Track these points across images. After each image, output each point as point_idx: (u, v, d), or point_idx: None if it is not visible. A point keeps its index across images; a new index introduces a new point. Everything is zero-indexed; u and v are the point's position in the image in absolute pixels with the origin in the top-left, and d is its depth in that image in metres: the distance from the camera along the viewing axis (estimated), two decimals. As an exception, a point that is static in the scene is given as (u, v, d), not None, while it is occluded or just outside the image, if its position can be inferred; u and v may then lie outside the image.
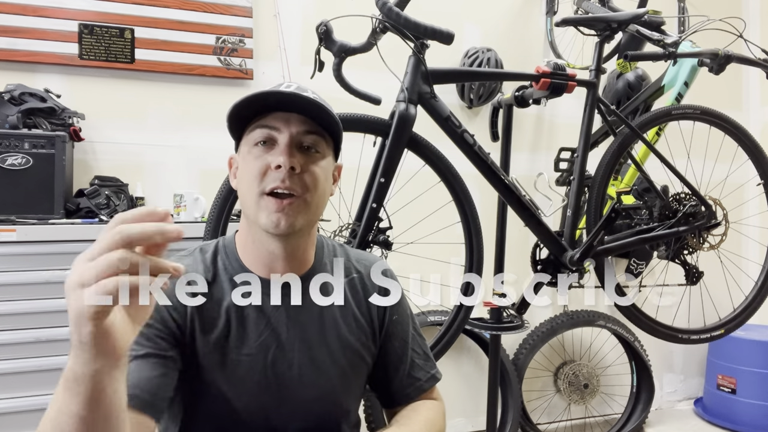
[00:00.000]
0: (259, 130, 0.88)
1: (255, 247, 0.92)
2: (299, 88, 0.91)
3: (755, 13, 3.28)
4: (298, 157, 0.86)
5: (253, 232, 0.91)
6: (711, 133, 2.02)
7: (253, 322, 0.91)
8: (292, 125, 0.87)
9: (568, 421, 2.85)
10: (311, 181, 0.87)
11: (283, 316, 0.92)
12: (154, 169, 2.18)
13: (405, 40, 1.48)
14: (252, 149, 0.88)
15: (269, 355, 0.91)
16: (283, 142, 0.86)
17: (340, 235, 1.55)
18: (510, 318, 2.00)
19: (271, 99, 0.87)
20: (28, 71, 2.02)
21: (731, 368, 2.83)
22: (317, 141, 0.90)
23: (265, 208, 0.85)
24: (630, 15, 1.80)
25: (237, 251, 0.94)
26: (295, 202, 0.86)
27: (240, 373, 0.89)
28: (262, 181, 0.86)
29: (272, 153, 0.86)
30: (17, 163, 1.73)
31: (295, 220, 0.86)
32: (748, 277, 2.35)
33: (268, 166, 0.85)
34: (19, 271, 1.62)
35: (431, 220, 2.11)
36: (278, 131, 0.87)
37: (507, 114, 2.04)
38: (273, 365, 0.91)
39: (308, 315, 0.94)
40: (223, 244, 0.96)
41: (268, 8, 2.31)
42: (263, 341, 0.91)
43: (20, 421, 1.59)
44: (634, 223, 2.03)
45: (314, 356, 0.94)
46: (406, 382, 1.03)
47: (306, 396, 0.93)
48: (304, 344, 0.93)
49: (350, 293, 0.99)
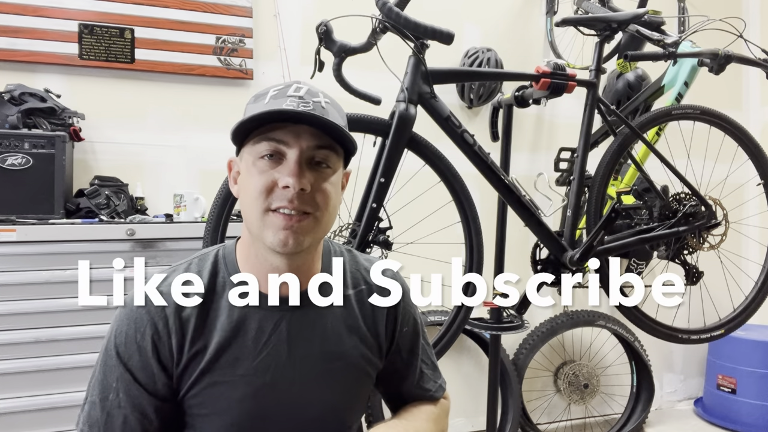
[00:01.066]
0: (266, 142, 0.80)
1: (258, 261, 0.86)
2: (310, 92, 0.84)
3: (755, 13, 3.28)
4: (308, 177, 0.80)
5: (256, 246, 0.85)
6: (711, 133, 2.02)
7: (251, 341, 0.85)
8: (302, 140, 0.80)
9: (568, 421, 2.84)
10: (322, 200, 0.82)
11: (284, 333, 0.87)
12: (154, 169, 2.18)
13: (405, 40, 1.48)
14: (257, 161, 0.81)
15: (268, 375, 0.86)
16: (292, 159, 0.80)
17: (340, 235, 1.55)
18: (510, 318, 2.00)
19: (282, 116, 0.80)
20: (28, 71, 2.02)
21: (731, 368, 2.83)
22: (328, 156, 0.83)
23: (271, 226, 0.80)
24: (630, 15, 1.80)
25: (237, 263, 0.89)
26: (304, 219, 0.80)
27: (237, 394, 0.85)
28: (267, 197, 0.80)
29: (279, 170, 0.80)
30: (17, 163, 1.73)
31: (304, 238, 0.81)
32: (748, 277, 2.35)
33: (274, 183, 0.80)
34: (19, 271, 1.62)
35: (431, 220, 2.10)
36: (287, 146, 0.80)
37: (507, 114, 2.04)
38: (273, 385, 0.86)
39: (311, 331, 0.89)
40: (223, 254, 0.90)
41: (268, 8, 2.31)
42: (263, 360, 0.86)
43: (20, 421, 1.59)
44: (634, 223, 2.03)
45: (316, 374, 0.89)
46: (415, 393, 1.01)
47: (308, 415, 0.89)
48: (306, 362, 0.88)
49: (357, 306, 0.94)
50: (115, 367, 0.83)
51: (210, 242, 1.44)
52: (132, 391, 0.82)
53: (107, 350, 0.84)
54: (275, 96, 0.83)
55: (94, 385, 0.84)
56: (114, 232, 1.69)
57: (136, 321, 0.83)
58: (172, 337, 0.83)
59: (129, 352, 0.82)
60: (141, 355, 0.82)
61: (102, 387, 0.83)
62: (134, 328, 0.83)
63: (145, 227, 1.73)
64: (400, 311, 0.98)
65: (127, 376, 0.82)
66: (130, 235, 1.70)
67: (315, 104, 0.82)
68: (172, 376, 0.84)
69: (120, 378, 0.82)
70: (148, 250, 1.72)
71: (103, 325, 1.65)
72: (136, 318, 0.83)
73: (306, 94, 0.83)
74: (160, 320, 0.83)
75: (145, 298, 0.83)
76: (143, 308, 0.83)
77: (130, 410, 0.82)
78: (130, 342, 0.83)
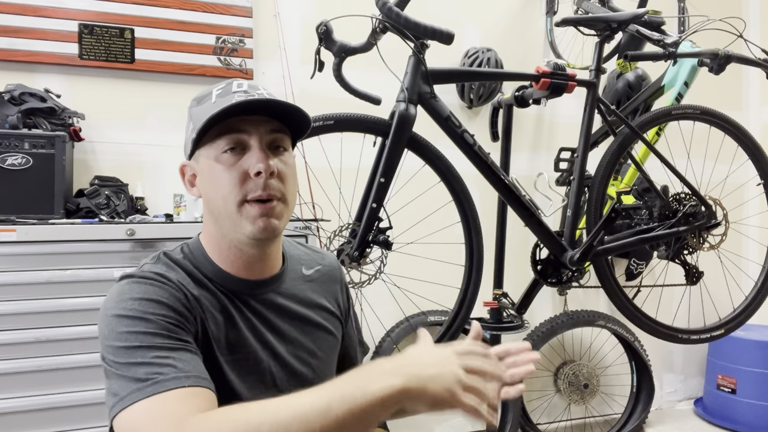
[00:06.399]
0: (226, 136, 0.83)
1: (232, 252, 0.88)
2: (251, 86, 0.88)
3: (755, 13, 3.28)
4: (273, 160, 0.84)
5: (228, 239, 0.87)
6: (711, 133, 2.03)
7: (232, 325, 0.88)
8: (261, 126, 0.85)
9: (568, 421, 2.85)
10: (287, 182, 0.87)
11: (271, 312, 0.92)
12: (154, 169, 2.18)
13: (405, 40, 1.48)
14: (220, 156, 0.84)
15: (260, 353, 0.90)
16: (256, 146, 0.83)
17: (340, 236, 1.55)
18: (510, 318, 2.00)
19: (237, 108, 0.83)
20: (28, 71, 2.02)
21: (731, 368, 2.83)
22: (282, 138, 0.88)
23: (248, 216, 0.83)
24: (630, 15, 1.80)
25: (209, 256, 0.90)
26: (278, 205, 0.85)
27: (232, 375, 0.86)
28: (241, 188, 0.83)
29: (245, 160, 0.83)
30: (17, 163, 1.73)
31: (279, 223, 0.85)
32: (748, 277, 2.35)
33: (245, 173, 0.82)
34: (19, 271, 1.62)
35: (431, 220, 2.11)
36: (248, 134, 0.84)
37: (507, 114, 2.05)
38: (268, 361, 0.91)
39: (287, 312, 0.95)
40: (189, 250, 0.91)
41: (268, 8, 2.31)
42: (252, 339, 0.89)
43: (20, 421, 1.59)
44: (634, 223, 2.03)
45: (297, 349, 0.94)
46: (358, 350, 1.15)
47: (295, 390, 0.92)
48: (285, 339, 0.93)
49: (318, 284, 1.03)
50: (145, 313, 0.76)
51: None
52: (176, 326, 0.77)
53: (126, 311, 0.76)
54: (221, 95, 0.87)
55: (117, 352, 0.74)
56: (114, 232, 1.69)
57: (153, 284, 0.80)
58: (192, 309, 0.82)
59: (159, 294, 0.79)
60: (171, 296, 0.80)
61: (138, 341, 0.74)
62: (159, 284, 0.80)
63: (145, 227, 1.73)
64: (345, 284, 1.11)
65: (168, 312, 0.77)
66: (130, 235, 1.70)
67: (259, 95, 0.86)
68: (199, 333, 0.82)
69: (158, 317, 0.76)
70: (148, 250, 1.72)
71: (103, 325, 1.66)
72: (152, 280, 0.81)
73: (249, 88, 0.87)
74: (180, 289, 0.82)
75: (154, 274, 0.82)
76: (157, 279, 0.82)
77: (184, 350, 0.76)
78: (155, 291, 0.79)
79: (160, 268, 0.85)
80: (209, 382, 0.75)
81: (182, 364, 0.73)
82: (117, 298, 0.79)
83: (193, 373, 0.73)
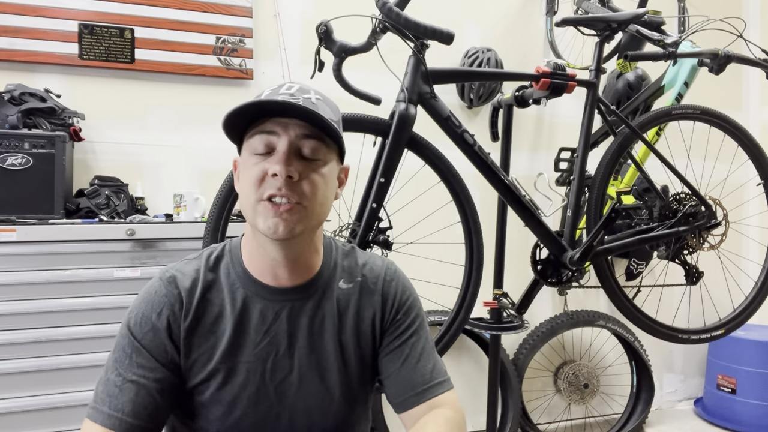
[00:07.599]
0: (258, 136, 0.86)
1: (259, 253, 0.91)
2: (301, 89, 0.89)
3: (755, 13, 3.28)
4: (295, 165, 0.84)
5: (257, 237, 0.90)
6: (711, 133, 2.03)
7: (253, 329, 0.90)
8: (291, 129, 0.85)
9: (568, 421, 2.85)
10: (309, 189, 0.85)
11: (284, 323, 0.91)
12: (154, 169, 2.18)
13: (405, 40, 1.48)
14: (251, 156, 0.87)
15: (268, 363, 0.91)
16: (281, 150, 0.84)
17: (340, 235, 1.55)
18: (510, 318, 2.00)
19: (269, 107, 0.85)
20: (28, 71, 2.02)
21: (731, 368, 2.83)
22: (317, 147, 0.86)
23: (262, 214, 0.84)
24: (630, 15, 1.80)
25: (242, 256, 0.94)
26: (294, 208, 0.84)
27: (238, 380, 0.89)
28: (260, 187, 0.84)
29: (270, 160, 0.85)
30: (17, 163, 1.73)
31: (294, 225, 0.84)
32: (748, 277, 2.35)
33: (265, 173, 0.84)
34: (19, 271, 1.62)
35: (431, 220, 2.11)
36: (277, 136, 0.85)
37: (507, 114, 2.04)
38: (272, 372, 0.91)
39: (310, 322, 0.93)
40: (229, 248, 0.96)
41: (268, 8, 2.31)
42: (263, 348, 0.90)
43: (20, 421, 1.59)
44: (634, 223, 2.03)
45: (316, 363, 0.93)
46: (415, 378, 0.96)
47: (306, 404, 0.92)
48: (305, 351, 0.92)
49: (354, 298, 0.97)
50: (130, 344, 0.87)
51: (210, 242, 1.44)
52: (145, 364, 0.86)
53: (124, 330, 0.89)
54: (269, 94, 0.88)
55: (110, 364, 0.88)
56: (114, 232, 1.69)
57: (153, 303, 0.89)
58: (186, 319, 0.89)
59: (144, 330, 0.88)
60: (155, 333, 0.88)
61: (118, 364, 0.87)
62: (151, 309, 0.89)
63: (145, 227, 1.73)
64: (392, 296, 0.99)
65: (143, 351, 0.87)
66: (130, 235, 1.70)
67: (305, 100, 0.87)
68: (181, 357, 0.89)
69: (135, 352, 0.87)
70: (148, 250, 1.72)
71: (103, 325, 1.66)
72: (153, 300, 0.89)
73: (297, 91, 0.88)
74: (177, 302, 0.89)
75: (163, 283, 0.90)
76: (161, 291, 0.90)
77: (142, 385, 0.85)
78: (146, 321, 0.88)
79: (182, 274, 0.92)
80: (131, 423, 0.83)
81: (122, 398, 0.84)
82: (128, 311, 0.91)
83: (118, 415, 0.83)
